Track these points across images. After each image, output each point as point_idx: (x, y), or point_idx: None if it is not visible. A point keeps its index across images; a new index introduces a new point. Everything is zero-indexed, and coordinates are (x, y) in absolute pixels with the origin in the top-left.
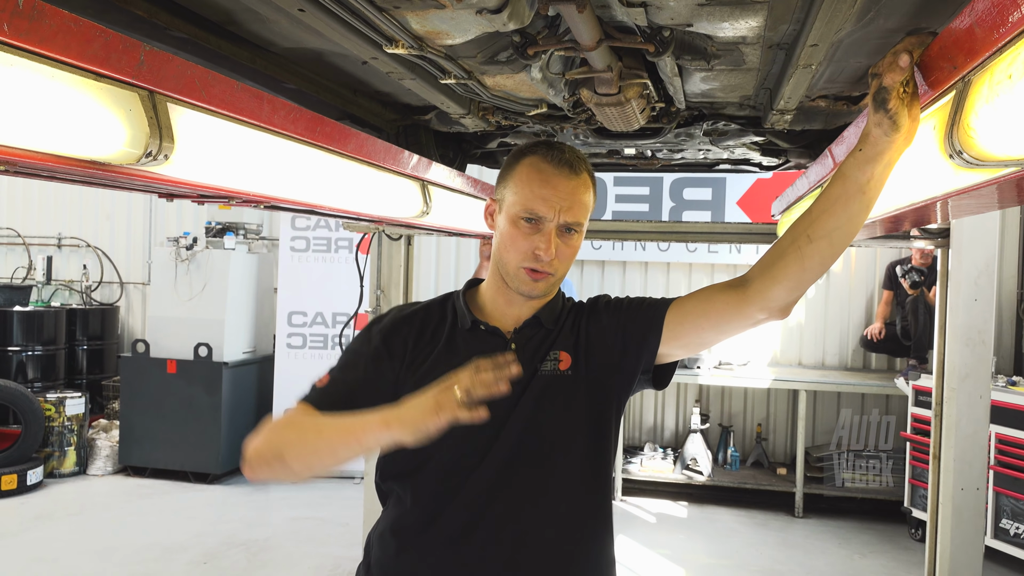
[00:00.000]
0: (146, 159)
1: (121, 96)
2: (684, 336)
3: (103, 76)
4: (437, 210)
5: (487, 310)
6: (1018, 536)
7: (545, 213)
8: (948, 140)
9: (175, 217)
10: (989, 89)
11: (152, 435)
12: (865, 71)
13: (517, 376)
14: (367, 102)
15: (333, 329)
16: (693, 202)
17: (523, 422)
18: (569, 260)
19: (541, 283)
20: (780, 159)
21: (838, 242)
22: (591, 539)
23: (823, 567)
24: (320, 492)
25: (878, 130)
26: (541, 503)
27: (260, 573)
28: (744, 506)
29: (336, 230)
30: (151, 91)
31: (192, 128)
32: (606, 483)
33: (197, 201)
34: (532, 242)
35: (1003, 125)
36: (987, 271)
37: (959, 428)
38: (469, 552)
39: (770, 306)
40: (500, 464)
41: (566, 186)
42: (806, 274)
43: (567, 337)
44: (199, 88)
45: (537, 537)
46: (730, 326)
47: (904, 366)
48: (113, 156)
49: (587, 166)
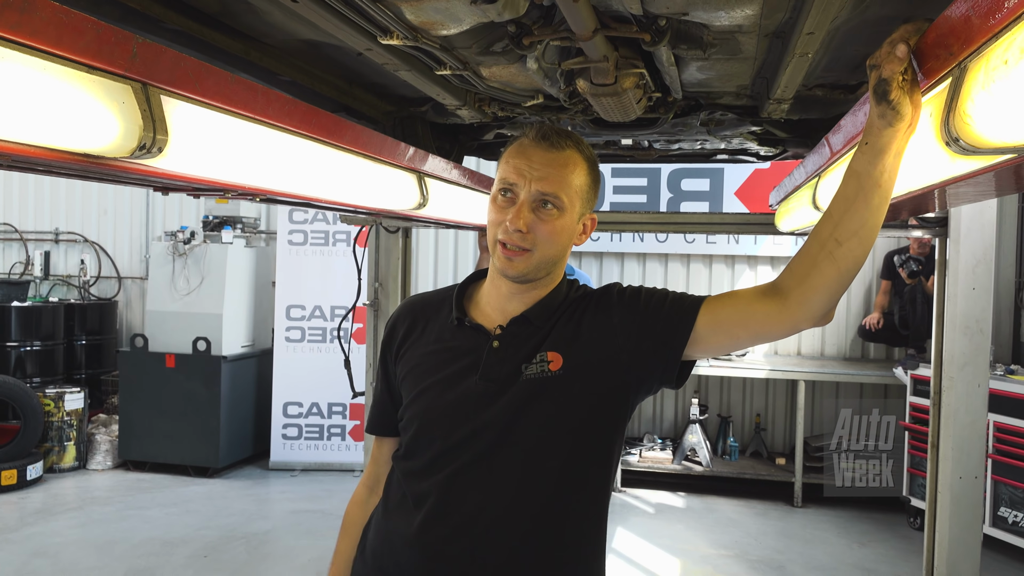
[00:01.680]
0: (140, 152)
1: (114, 89)
2: (715, 343)
3: (95, 69)
4: (434, 202)
5: (481, 304)
6: (1016, 524)
7: (516, 182)
8: (945, 127)
9: (173, 211)
10: (985, 75)
11: (152, 429)
12: (862, 59)
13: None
14: (363, 94)
15: (332, 322)
16: (691, 193)
17: (501, 423)
18: (551, 240)
19: (517, 261)
20: (778, 149)
21: (867, 238)
22: (571, 541)
23: (822, 556)
24: (320, 485)
25: (882, 121)
26: (516, 503)
27: (261, 566)
28: (743, 496)
29: (334, 223)
30: (144, 83)
31: (186, 121)
32: (597, 488)
33: (192, 194)
34: (505, 215)
35: (1000, 111)
36: (985, 260)
37: (957, 417)
38: (448, 536)
39: (814, 315)
40: (477, 461)
41: (541, 157)
42: (844, 276)
43: (561, 333)
44: (193, 80)
45: (504, 541)
46: (770, 336)
47: (902, 355)
48: (106, 149)
49: (577, 145)
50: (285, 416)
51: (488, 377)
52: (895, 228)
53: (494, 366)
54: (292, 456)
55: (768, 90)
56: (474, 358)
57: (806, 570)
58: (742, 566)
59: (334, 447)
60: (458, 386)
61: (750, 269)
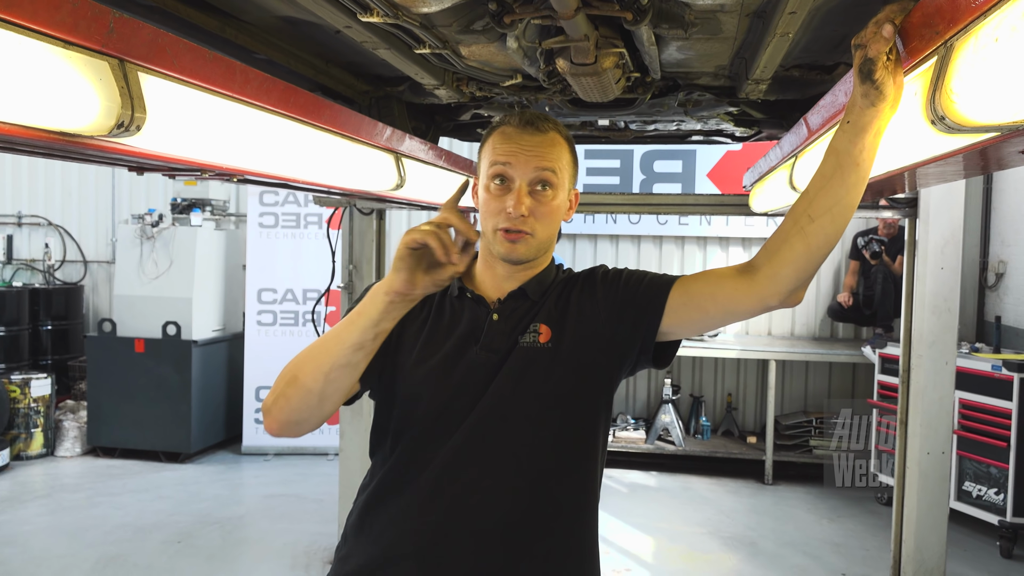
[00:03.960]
0: (117, 130)
1: (91, 65)
2: (688, 318)
3: (72, 44)
4: (411, 183)
5: (477, 280)
6: (980, 498)
7: (511, 171)
8: (930, 106)
9: (139, 194)
10: (974, 54)
11: (121, 415)
12: (840, 39)
13: (474, 240)
14: (339, 73)
15: (304, 306)
16: (664, 174)
17: (499, 393)
18: (548, 221)
19: (520, 245)
20: (753, 130)
21: (839, 217)
22: (562, 516)
23: (793, 532)
24: (294, 469)
25: (865, 100)
26: (509, 475)
27: (235, 551)
28: (715, 474)
29: (305, 205)
30: (121, 60)
31: (163, 98)
32: (587, 461)
33: (168, 174)
34: (502, 202)
35: (988, 90)
36: (953, 240)
37: (926, 394)
38: (435, 518)
39: (781, 291)
40: (472, 433)
41: (530, 141)
42: (813, 254)
43: (551, 309)
44: (170, 57)
45: (503, 509)
46: (739, 312)
47: (870, 335)
48: (85, 128)
49: (557, 127)
50: (257, 400)
51: (489, 348)
52: (866, 208)
53: (495, 337)
54: (265, 440)
55: (747, 70)
56: (474, 328)
57: (778, 546)
58: (716, 543)
59: None
60: (459, 356)
61: (722, 250)
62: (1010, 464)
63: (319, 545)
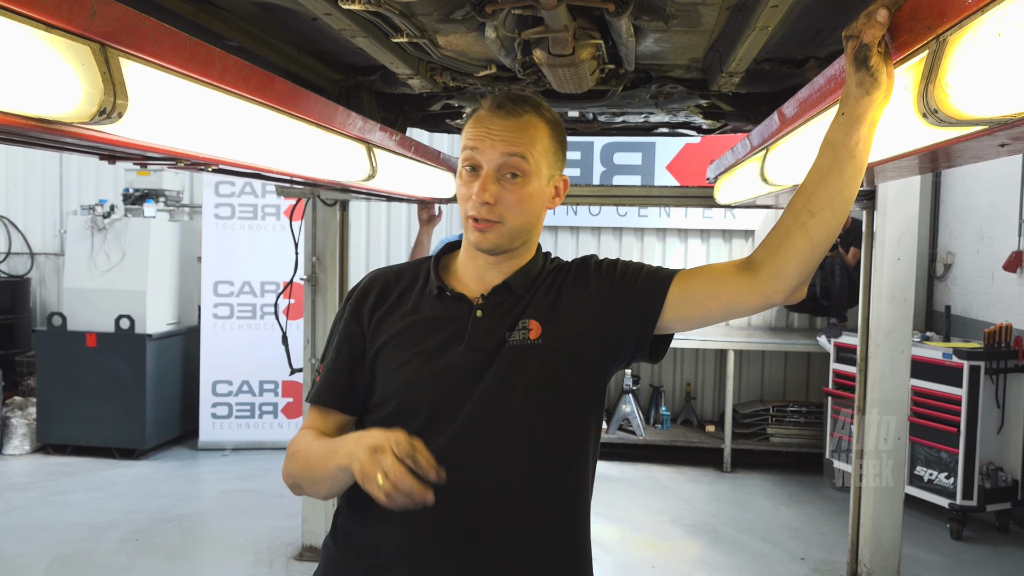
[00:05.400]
0: (99, 117)
1: (73, 49)
2: (687, 314)
3: (54, 28)
4: (383, 174)
5: (459, 275)
6: (931, 482)
7: (479, 156)
8: (923, 99)
9: (89, 184)
10: (973, 47)
11: (73, 411)
12: (814, 34)
13: (441, 481)
14: (311, 61)
15: (262, 298)
16: (624, 166)
17: (489, 392)
18: (520, 208)
19: (490, 234)
20: (720, 123)
21: (839, 210)
22: (555, 515)
23: (752, 518)
24: (253, 464)
25: (860, 90)
26: (505, 470)
27: (196, 548)
28: (675, 463)
29: (263, 196)
30: (103, 44)
31: (143, 84)
32: (579, 459)
33: (140, 163)
34: (471, 189)
35: (990, 84)
36: (909, 231)
37: (883, 382)
38: (430, 514)
39: (786, 288)
40: (466, 432)
41: (500, 125)
42: (816, 248)
43: (541, 304)
44: (151, 42)
45: (495, 510)
46: (742, 309)
47: (824, 325)
48: (66, 114)
49: (536, 108)
50: (214, 395)
51: (474, 347)
52: None
53: (480, 335)
54: (222, 435)
55: (721, 63)
56: (457, 328)
57: (738, 532)
58: (678, 530)
59: (266, 425)
60: (442, 357)
61: (680, 242)
62: (960, 449)
63: (282, 540)
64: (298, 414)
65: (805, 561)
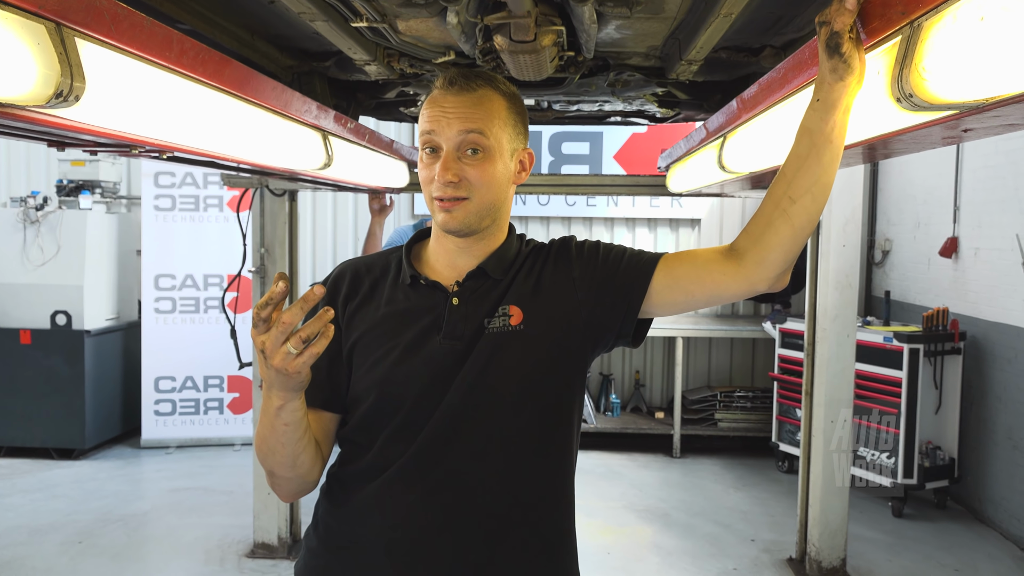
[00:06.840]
0: (55, 100)
1: (28, 28)
2: (671, 299)
3: (6, 4)
4: (338, 162)
5: (431, 262)
6: (873, 462)
7: (437, 138)
8: (897, 84)
9: (19, 175)
10: (952, 32)
11: (6, 411)
12: (773, 22)
13: (328, 319)
14: (264, 46)
15: (205, 292)
16: (572, 156)
17: (469, 382)
18: (485, 184)
19: (456, 212)
20: (673, 111)
21: (820, 196)
22: (540, 503)
23: (703, 502)
24: (200, 462)
25: (833, 76)
26: (488, 460)
27: (143, 549)
28: (626, 450)
29: (205, 187)
30: (58, 23)
31: (100, 67)
32: (563, 446)
33: (91, 150)
34: (433, 171)
35: (969, 68)
36: (853, 219)
37: (830, 366)
38: (415, 501)
39: (770, 275)
40: (448, 424)
41: (454, 102)
42: (798, 235)
43: (520, 288)
44: (108, 22)
45: (478, 500)
46: (726, 296)
47: (769, 311)
48: (19, 96)
49: (491, 82)
50: (157, 391)
51: (452, 336)
52: None
53: (457, 324)
54: (166, 433)
55: (680, 51)
56: (434, 317)
57: (690, 516)
58: (631, 516)
59: (211, 421)
60: (421, 348)
61: (628, 231)
62: (900, 429)
63: (233, 538)
64: (245, 409)
65: (755, 542)
